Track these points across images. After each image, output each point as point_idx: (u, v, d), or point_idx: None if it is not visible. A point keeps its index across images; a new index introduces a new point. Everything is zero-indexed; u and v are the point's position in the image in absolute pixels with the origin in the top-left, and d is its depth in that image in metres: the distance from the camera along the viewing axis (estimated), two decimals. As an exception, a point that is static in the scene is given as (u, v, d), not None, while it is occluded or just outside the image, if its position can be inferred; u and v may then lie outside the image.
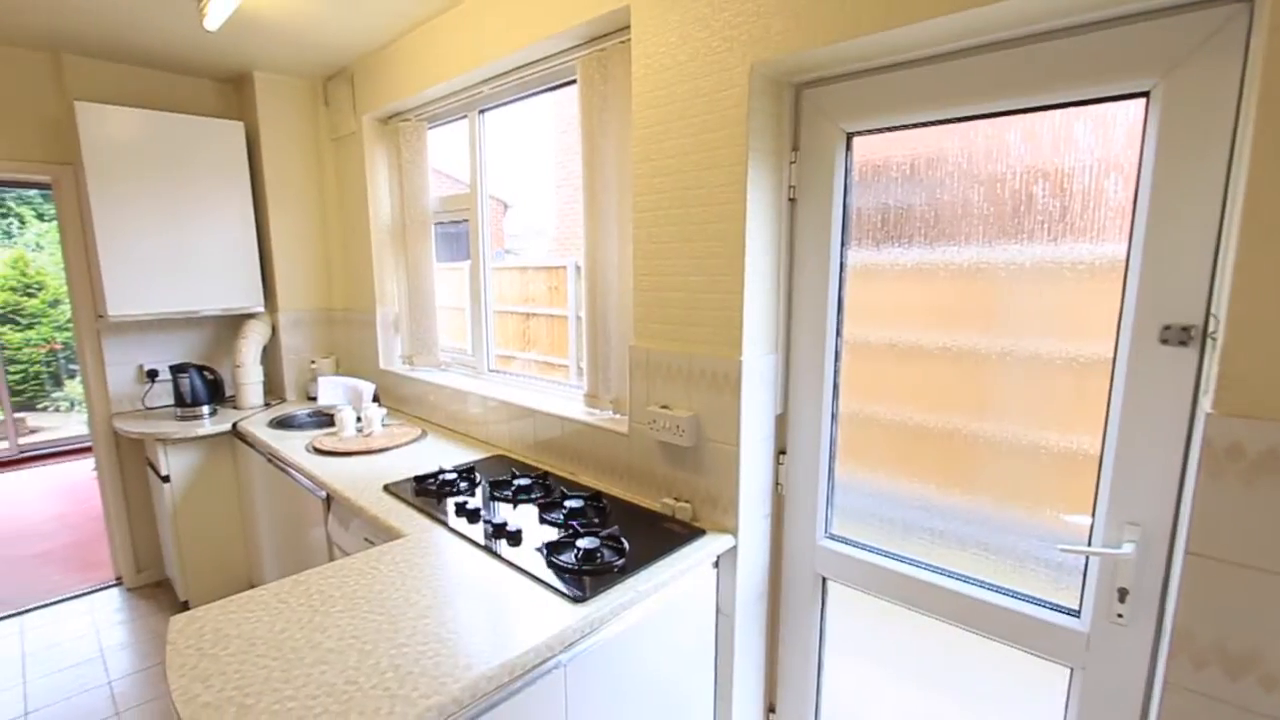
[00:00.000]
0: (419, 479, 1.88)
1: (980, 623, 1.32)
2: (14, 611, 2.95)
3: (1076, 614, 1.22)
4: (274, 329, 3.12)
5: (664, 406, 1.64)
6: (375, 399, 2.71)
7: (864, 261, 1.45)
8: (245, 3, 2.11)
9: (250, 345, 2.98)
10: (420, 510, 1.72)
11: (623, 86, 1.76)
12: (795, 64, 1.37)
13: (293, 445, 2.33)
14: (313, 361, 3.16)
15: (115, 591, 3.12)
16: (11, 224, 8.06)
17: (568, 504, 1.66)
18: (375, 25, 2.36)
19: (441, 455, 2.21)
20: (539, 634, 1.17)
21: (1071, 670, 1.24)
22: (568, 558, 1.41)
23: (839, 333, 1.50)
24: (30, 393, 7.23)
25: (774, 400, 1.58)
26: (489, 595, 1.31)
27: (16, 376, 7.07)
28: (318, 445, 2.28)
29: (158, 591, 3.10)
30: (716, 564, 1.57)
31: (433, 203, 2.70)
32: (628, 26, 1.68)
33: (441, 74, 2.26)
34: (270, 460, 2.41)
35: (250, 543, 2.85)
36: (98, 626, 2.82)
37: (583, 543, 1.44)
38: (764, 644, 1.70)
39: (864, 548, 1.52)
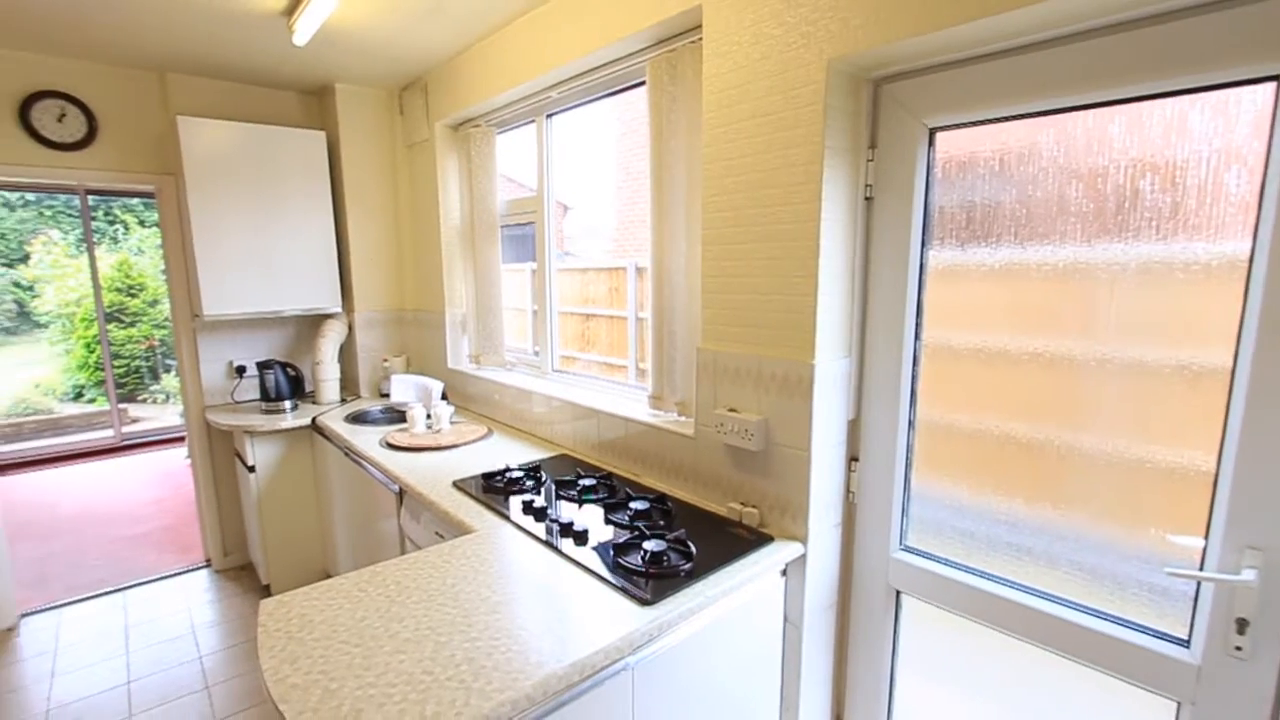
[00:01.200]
0: (487, 476, 1.92)
1: (1072, 647, 1.24)
2: (118, 587, 3.20)
3: (1185, 644, 1.13)
4: (350, 328, 3.26)
5: (731, 410, 1.62)
6: (444, 397, 2.79)
7: (946, 262, 1.39)
8: (330, 18, 2.21)
9: (329, 344, 3.13)
10: (488, 507, 1.76)
11: (692, 87, 1.74)
12: (875, 58, 1.32)
13: (367, 440, 2.43)
14: (385, 360, 3.29)
15: (204, 573, 3.33)
16: (118, 230, 8.77)
17: (633, 505, 1.66)
18: (450, 35, 2.44)
19: (507, 453, 2.26)
20: (607, 635, 1.17)
21: (1179, 705, 1.14)
22: (634, 559, 1.41)
23: (918, 336, 1.44)
24: (131, 385, 7.83)
25: (846, 405, 1.53)
26: (557, 593, 1.32)
27: (120, 370, 7.68)
28: (391, 440, 2.37)
29: (242, 574, 3.29)
30: (784, 572, 1.53)
31: (500, 206, 2.76)
32: (698, 26, 1.67)
33: (512, 80, 2.31)
34: (347, 454, 2.52)
35: (326, 531, 2.99)
36: (189, 605, 3.02)
37: (649, 545, 1.43)
38: (832, 656, 1.65)
39: (943, 562, 1.45)
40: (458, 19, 2.27)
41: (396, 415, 2.80)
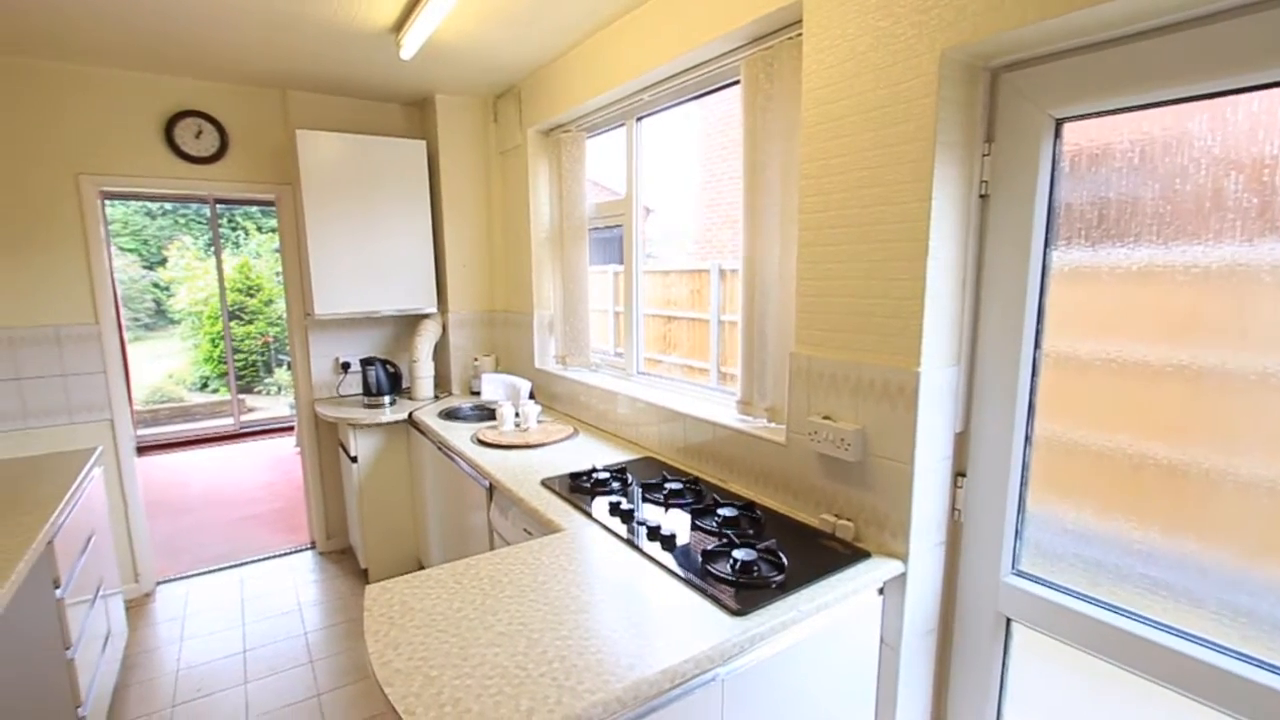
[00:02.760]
0: (574, 476, 1.95)
1: (1219, 696, 1.10)
2: (236, 563, 3.49)
3: (1369, 704, 0.98)
4: (444, 328, 3.41)
5: (826, 417, 1.56)
6: (531, 396, 2.86)
7: (1073, 263, 1.27)
8: (434, 33, 2.32)
9: (424, 343, 3.28)
10: (575, 506, 1.78)
11: (789, 85, 1.70)
12: (994, 46, 1.23)
13: (460, 436, 2.52)
14: (475, 359, 3.41)
15: (309, 554, 3.58)
16: (239, 235, 9.61)
17: (721, 512, 1.63)
18: (544, 44, 2.50)
19: (592, 454, 2.28)
20: (698, 644, 1.15)
21: (1359, 774, 0.99)
22: (723, 567, 1.38)
23: (1038, 344, 1.33)
24: (248, 377, 8.56)
25: (954, 417, 1.44)
26: (644, 597, 1.31)
27: (239, 363, 8.40)
28: (481, 437, 2.45)
29: (342, 558, 3.51)
30: (882, 591, 1.46)
31: (588, 209, 2.80)
32: (797, 22, 1.62)
33: (604, 85, 2.34)
34: (440, 448, 2.63)
35: (419, 521, 3.13)
36: (296, 584, 3.24)
37: (739, 554, 1.40)
38: (931, 683, 1.55)
39: (1062, 590, 1.33)
40: (553, 27, 2.33)
41: (486, 413, 2.90)
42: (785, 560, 1.39)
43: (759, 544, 1.44)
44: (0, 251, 2.67)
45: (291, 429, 6.47)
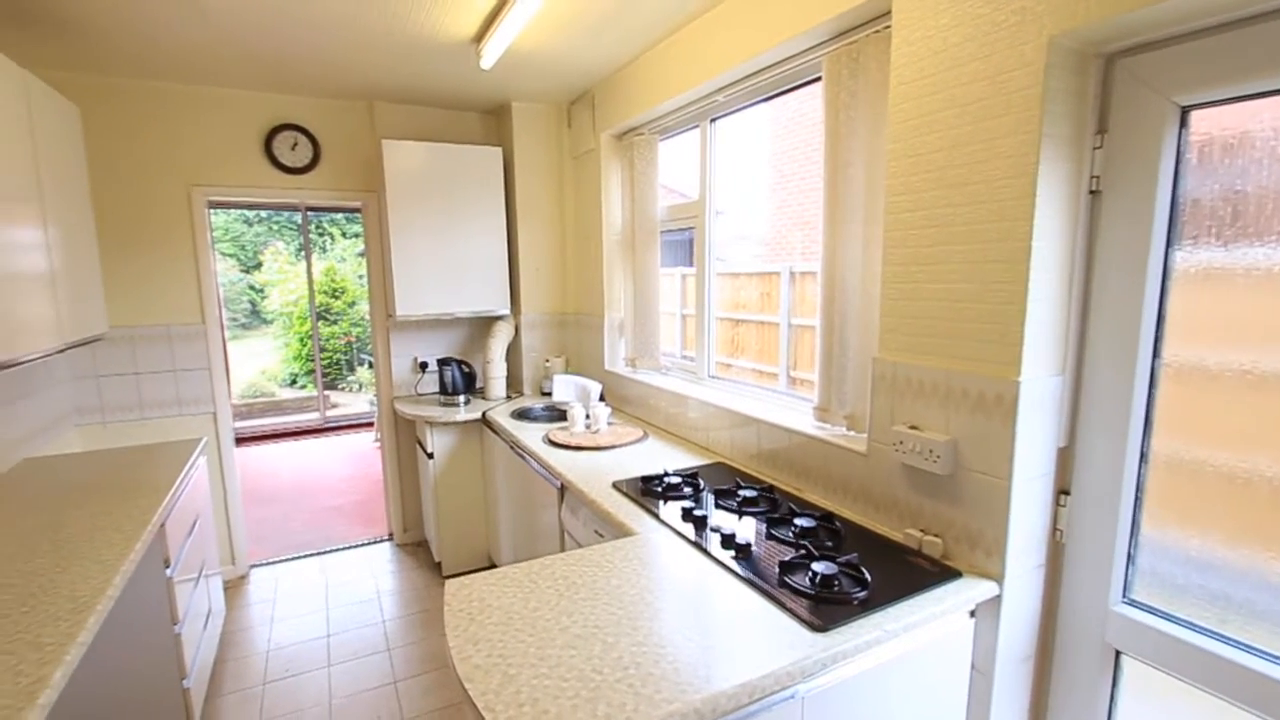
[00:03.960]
0: (645, 479, 1.94)
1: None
2: (320, 550, 3.68)
3: None
4: (517, 329, 3.49)
5: (913, 427, 1.48)
6: (601, 398, 2.88)
7: (1201, 264, 1.16)
8: (512, 42, 2.37)
9: (498, 344, 3.36)
10: (647, 510, 1.76)
11: (875, 80, 1.63)
12: (1111, 30, 1.14)
13: (531, 436, 2.57)
14: (547, 360, 3.47)
15: (387, 545, 3.73)
16: (326, 241, 10.19)
17: (798, 522, 1.58)
18: (620, 48, 2.51)
19: (663, 457, 2.27)
20: (776, 659, 1.11)
21: None
22: (801, 580, 1.33)
23: (1156, 353, 1.22)
24: (332, 375, 9.04)
25: (1057, 430, 1.33)
26: (719, 606, 1.28)
27: (325, 361, 8.89)
28: (552, 438, 2.48)
29: (418, 550, 3.64)
30: (974, 613, 1.37)
31: (660, 212, 2.79)
32: (885, 14, 1.56)
33: (679, 86, 2.33)
34: (512, 448, 2.68)
35: (490, 518, 3.21)
36: (375, 573, 3.39)
37: (818, 566, 1.35)
38: (1028, 714, 1.44)
39: (1183, 624, 1.21)
40: (630, 31, 2.33)
41: (557, 413, 2.94)
42: (868, 576, 1.33)
43: (839, 557, 1.38)
44: (125, 257, 2.92)
45: (371, 425, 6.79)
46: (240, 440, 6.51)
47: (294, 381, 9.23)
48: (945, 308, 1.40)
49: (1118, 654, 1.31)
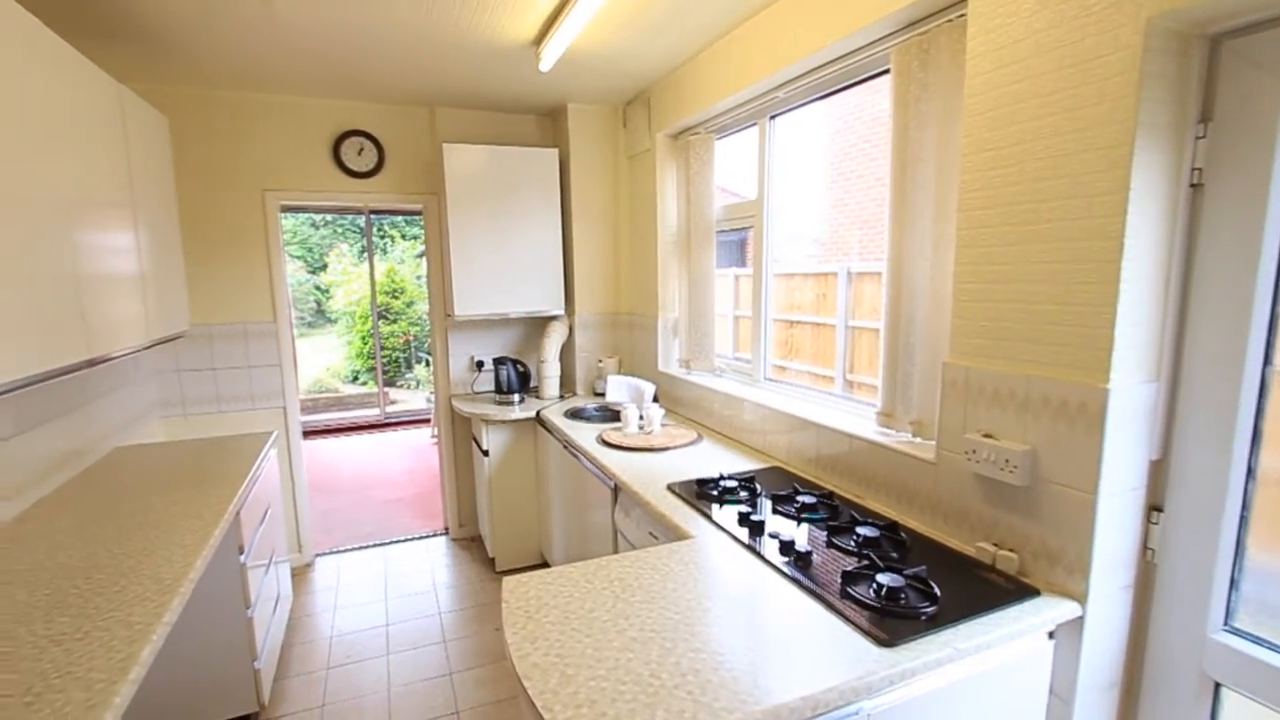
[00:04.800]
0: (700, 483, 1.91)
1: None
2: (380, 542, 3.81)
3: None
4: (571, 330, 3.51)
5: (986, 435, 1.41)
6: (655, 399, 2.87)
7: (1322, 264, 1.05)
8: (571, 44, 2.38)
9: (552, 343, 3.40)
10: (702, 514, 1.74)
11: (947, 71, 1.56)
12: (1218, 8, 1.05)
13: (585, 436, 2.58)
14: (600, 360, 3.49)
15: (443, 539, 3.82)
16: (386, 243, 10.56)
17: (860, 531, 1.53)
18: (677, 47, 2.49)
19: (717, 460, 2.24)
20: (840, 672, 1.07)
21: None
22: (865, 591, 1.28)
23: (1268, 359, 1.12)
24: (391, 372, 9.35)
25: (1150, 442, 1.24)
26: (779, 615, 1.25)
27: (385, 360, 9.20)
28: (605, 438, 2.49)
29: (472, 545, 3.72)
30: (1053, 635, 1.29)
31: (716, 212, 2.76)
32: (958, 2, 1.49)
33: (737, 84, 2.29)
34: (566, 447, 2.70)
35: (543, 516, 3.24)
36: (432, 566, 3.48)
37: (883, 578, 1.29)
38: (1111, 746, 1.35)
39: (1295, 657, 1.11)
40: (689, 29, 2.31)
41: (610, 414, 2.94)
42: (937, 590, 1.26)
43: (906, 569, 1.33)
44: (205, 259, 3.09)
45: (428, 421, 6.99)
46: (306, 434, 6.79)
47: (356, 378, 9.60)
48: (1024, 310, 1.32)
49: (1217, 686, 1.21)
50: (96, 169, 1.90)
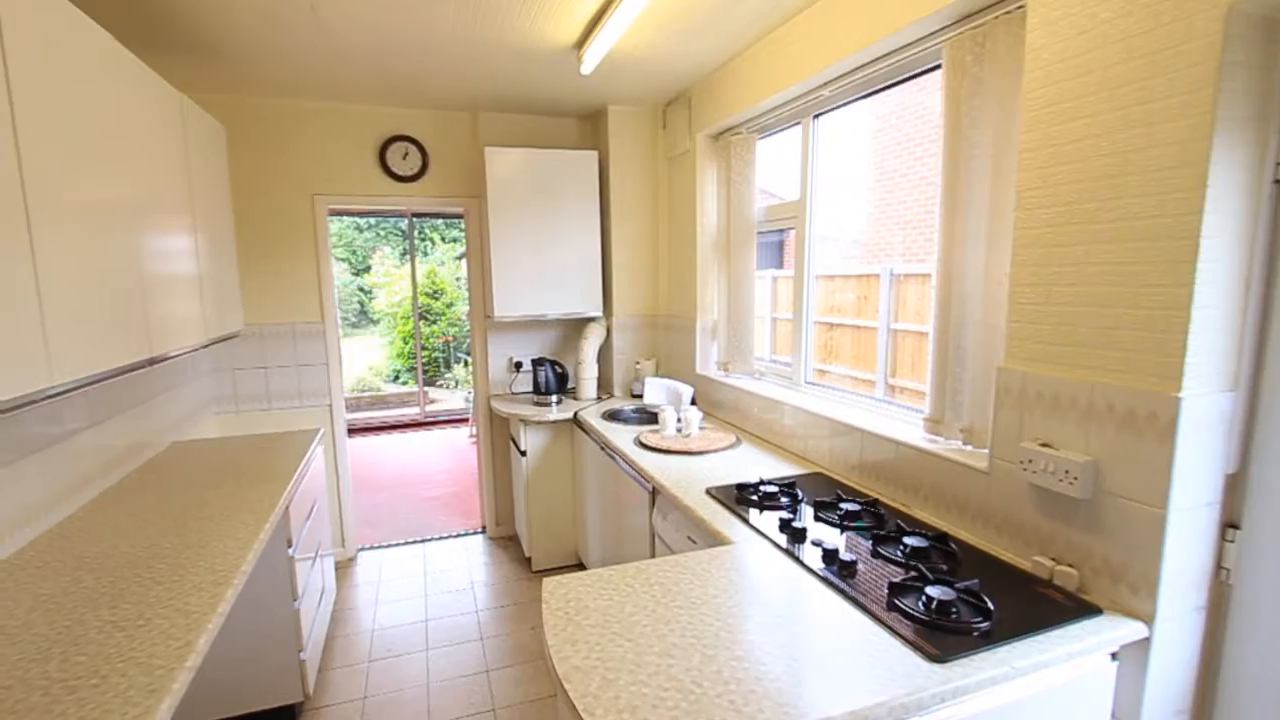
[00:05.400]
0: (740, 487, 1.89)
1: None
2: (419, 539, 3.88)
3: None
4: (608, 331, 3.52)
5: (1044, 444, 1.35)
6: (693, 402, 2.85)
7: None
8: (612, 46, 2.39)
9: (590, 345, 3.41)
10: (742, 520, 1.71)
11: (1004, 65, 1.51)
12: (1308, -8, 0.98)
13: (622, 437, 2.57)
14: (637, 362, 3.48)
15: (480, 538, 3.87)
16: (427, 245, 10.78)
17: (907, 541, 1.48)
18: (719, 47, 2.48)
19: (756, 465, 2.20)
20: (889, 687, 1.03)
21: None
22: (914, 604, 1.24)
23: (1361, 369, 1.04)
24: (430, 372, 9.53)
25: (1226, 454, 1.17)
26: (823, 625, 1.22)
27: (425, 360, 9.39)
28: (643, 440, 2.48)
29: (509, 544, 3.75)
30: (1116, 656, 1.22)
31: (757, 213, 2.73)
32: (1017, -7, 1.44)
33: (781, 83, 2.26)
34: (603, 449, 2.70)
35: (579, 517, 3.25)
36: (469, 564, 3.52)
37: (933, 591, 1.25)
38: (1179, 776, 1.28)
39: (1392, 690, 1.03)
40: (732, 28, 2.29)
41: (647, 416, 2.93)
42: (990, 604, 1.21)
43: (957, 582, 1.28)
44: (258, 261, 3.20)
45: (465, 420, 7.10)
46: (350, 431, 6.97)
47: (397, 377, 9.82)
48: (1087, 314, 1.26)
49: (1300, 717, 1.13)
50: (160, 176, 1.99)
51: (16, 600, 1.34)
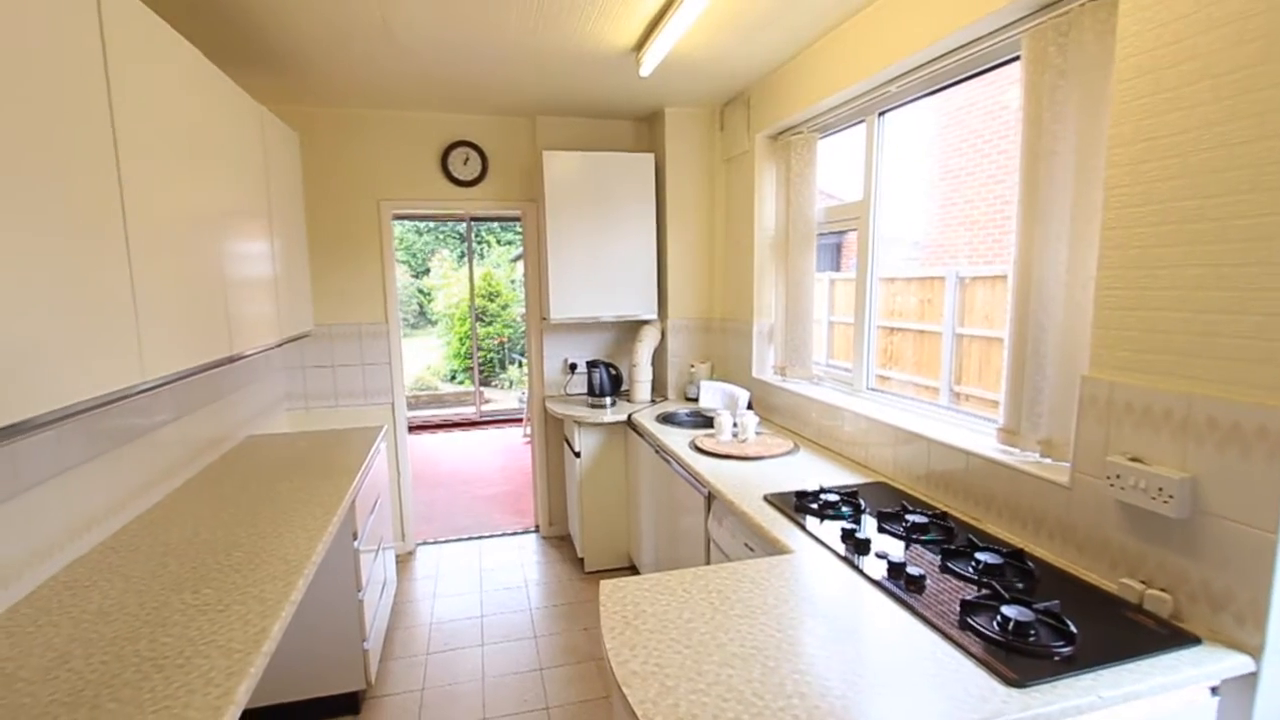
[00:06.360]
0: (800, 495, 1.84)
1: None
2: (475, 535, 3.96)
3: None
4: (663, 334, 3.51)
5: (1134, 459, 1.26)
6: (749, 406, 2.81)
7: None
8: (671, 48, 2.38)
9: (644, 348, 3.41)
10: (802, 528, 1.67)
11: (1092, 55, 1.42)
12: None
13: (677, 441, 2.56)
14: (692, 365, 3.46)
15: (533, 537, 3.92)
16: (483, 248, 11.03)
17: (979, 557, 1.41)
18: (779, 46, 2.43)
19: (815, 472, 2.15)
20: (963, 710, 0.98)
21: None
22: (987, 623, 1.18)
23: None
24: (485, 373, 9.75)
25: (1349, 475, 1.06)
26: (889, 641, 1.17)
27: (480, 360, 9.61)
28: (698, 444, 2.45)
29: (561, 544, 3.79)
30: (1216, 690, 1.13)
31: (818, 214, 2.67)
32: (1107, -22, 1.35)
33: (846, 79, 2.20)
34: (657, 452, 2.69)
35: (632, 520, 3.25)
36: (523, 562, 3.57)
37: (1009, 610, 1.18)
38: (1288, 825, 1.16)
39: None
40: (795, 25, 2.25)
41: (702, 420, 2.91)
42: (1073, 628, 1.14)
43: (1035, 603, 1.21)
44: (329, 265, 3.34)
45: (519, 420, 7.22)
46: (408, 429, 7.20)
47: (453, 377, 10.09)
48: (1185, 319, 1.17)
49: None
50: (242, 183, 2.10)
51: (111, 582, 1.43)
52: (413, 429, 7.20)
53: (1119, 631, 1.17)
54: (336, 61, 2.56)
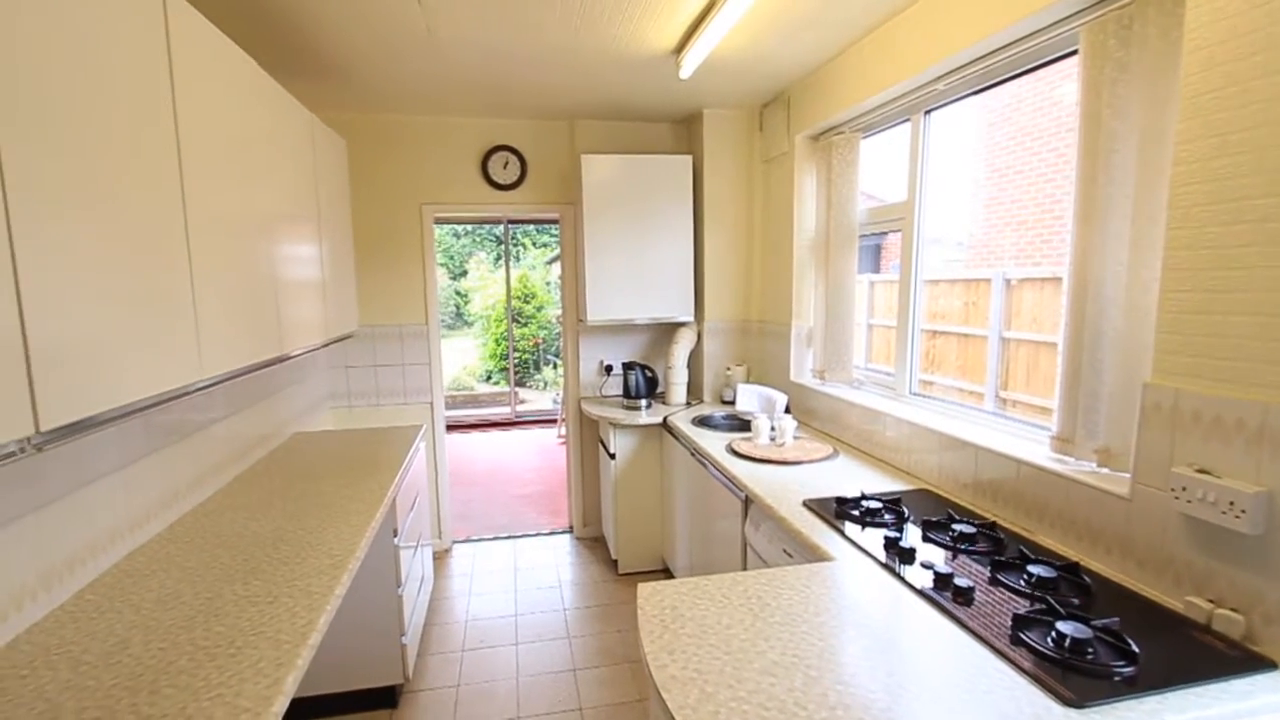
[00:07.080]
0: (840, 501, 1.81)
1: None
2: (510, 535, 4.00)
3: None
4: (699, 336, 3.49)
5: (1201, 471, 1.20)
6: (787, 410, 2.77)
7: None
8: (711, 49, 2.37)
9: (680, 350, 3.39)
10: (843, 535, 1.64)
11: (1156, 49, 1.36)
12: None
13: (713, 444, 2.53)
14: (728, 368, 3.43)
15: (567, 537, 3.94)
16: (519, 250, 11.17)
17: (1032, 570, 1.36)
18: (820, 45, 2.40)
19: (856, 478, 2.10)
20: (1018, 731, 0.94)
21: None
22: (1042, 640, 1.13)
23: None
24: (521, 374, 9.85)
25: None
26: (937, 655, 1.13)
27: (516, 361, 9.72)
28: (735, 448, 2.43)
29: (595, 545, 3.80)
30: (1294, 718, 1.06)
31: (860, 215, 2.62)
32: (1174, -33, 1.29)
33: (891, 78, 2.16)
34: (693, 454, 2.67)
35: (667, 522, 3.24)
36: (557, 562, 3.59)
37: (1065, 627, 1.14)
38: None
39: None
40: (836, 24, 2.21)
41: (738, 423, 2.88)
42: (1134, 647, 1.09)
43: (1093, 619, 1.16)
44: (374, 267, 3.42)
45: (554, 421, 7.28)
46: (447, 428, 7.32)
47: (489, 378, 10.22)
48: (1259, 324, 1.11)
49: None
50: (293, 188, 2.16)
51: (167, 571, 1.49)
52: (448, 428, 7.31)
53: (1185, 652, 1.11)
54: (382, 70, 2.63)
